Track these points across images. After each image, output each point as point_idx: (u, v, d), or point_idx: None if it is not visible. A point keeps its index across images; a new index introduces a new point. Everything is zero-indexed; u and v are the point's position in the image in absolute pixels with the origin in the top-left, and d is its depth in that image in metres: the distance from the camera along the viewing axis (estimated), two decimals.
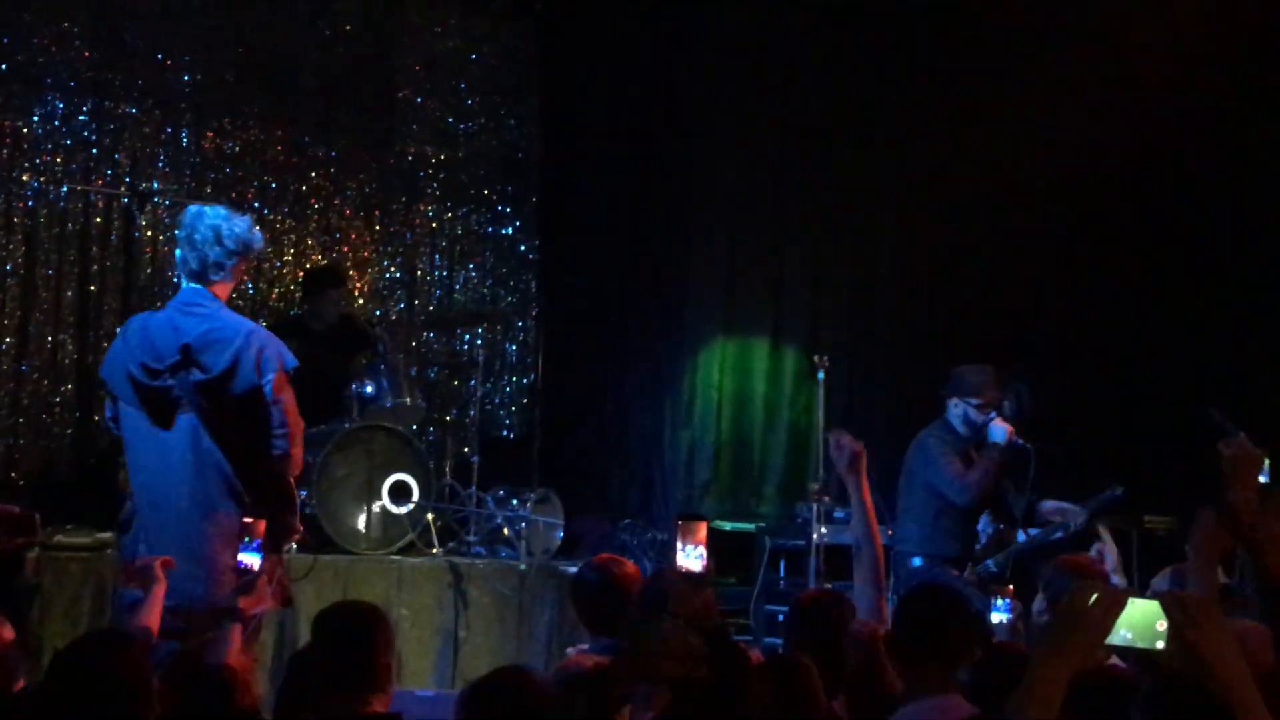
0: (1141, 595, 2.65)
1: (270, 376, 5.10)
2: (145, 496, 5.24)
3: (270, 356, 5.12)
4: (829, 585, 6.88)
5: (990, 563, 7.18)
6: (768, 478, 9.61)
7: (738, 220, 9.71)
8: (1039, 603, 4.74)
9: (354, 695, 3.60)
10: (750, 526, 9.03)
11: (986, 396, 7.16)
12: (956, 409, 7.22)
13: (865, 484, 4.91)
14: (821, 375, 7.64)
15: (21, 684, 4.15)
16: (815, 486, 7.66)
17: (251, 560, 4.52)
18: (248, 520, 4.63)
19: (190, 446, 5.10)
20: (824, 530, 7.43)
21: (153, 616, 4.34)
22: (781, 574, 8.71)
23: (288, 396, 5.15)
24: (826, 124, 9.68)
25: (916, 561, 7.12)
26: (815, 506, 7.65)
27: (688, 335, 9.63)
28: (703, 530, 4.40)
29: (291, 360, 5.21)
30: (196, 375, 5.08)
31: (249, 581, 4.51)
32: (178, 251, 5.28)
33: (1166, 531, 7.98)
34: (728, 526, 8.98)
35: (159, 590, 4.41)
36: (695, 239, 9.72)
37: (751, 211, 9.71)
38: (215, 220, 5.20)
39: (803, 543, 8.14)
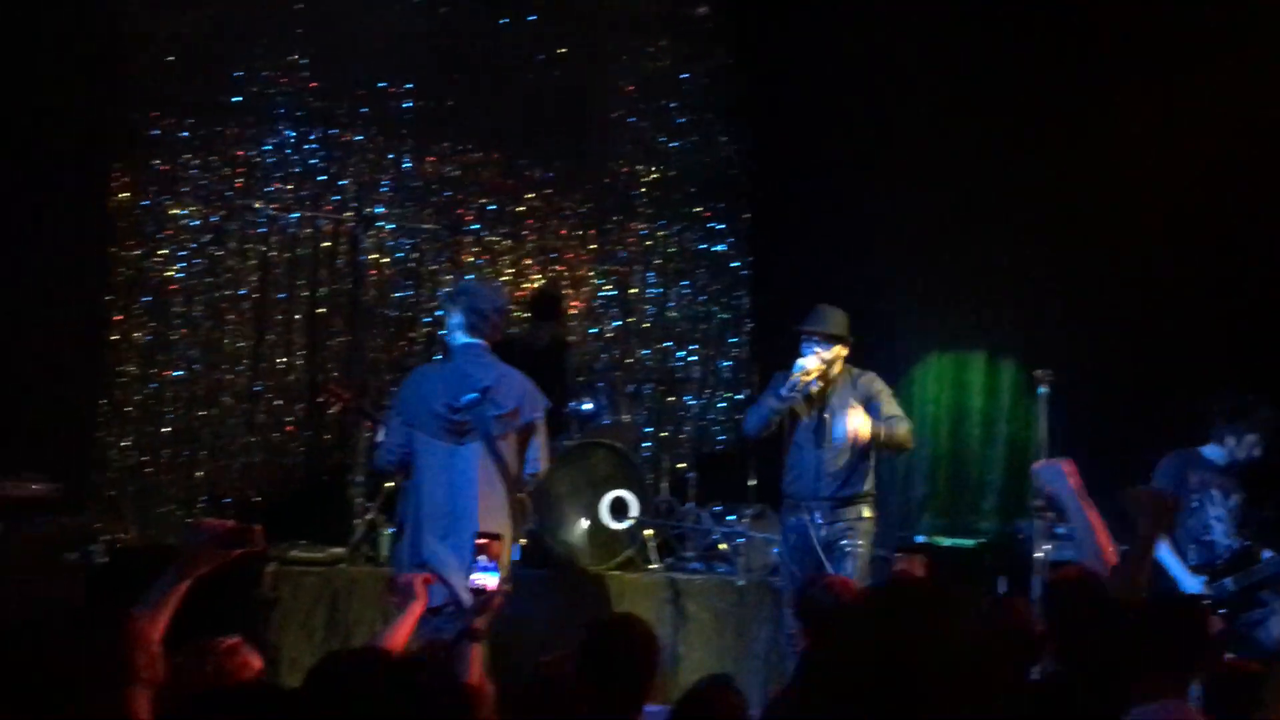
0: None
1: (539, 414, 6.36)
2: (432, 510, 6.18)
3: (540, 399, 6.40)
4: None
5: (1228, 581, 6.96)
6: (986, 493, 9.43)
7: (952, 232, 9.56)
8: None
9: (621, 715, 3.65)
10: (969, 543, 8.88)
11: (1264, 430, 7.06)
12: (1232, 440, 7.09)
13: (1086, 503, 4.79)
14: (1043, 390, 7.48)
15: None
16: (1038, 502, 7.51)
17: (487, 580, 4.58)
18: (481, 540, 4.72)
19: (479, 467, 6.20)
20: (1048, 547, 7.28)
21: (400, 634, 4.43)
22: (1001, 591, 8.56)
23: (544, 429, 6.41)
24: (1044, 130, 9.46)
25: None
26: (1037, 523, 7.51)
27: (902, 349, 9.53)
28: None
29: (548, 402, 6.49)
30: (492, 410, 6.23)
31: (484, 602, 4.56)
32: (452, 316, 6.43)
33: None
34: (945, 542, 8.85)
35: (416, 608, 4.50)
36: (908, 252, 9.61)
37: (966, 223, 9.55)
38: (485, 290, 6.58)
39: (1024, 559, 8.00)
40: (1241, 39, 8.60)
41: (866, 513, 7.33)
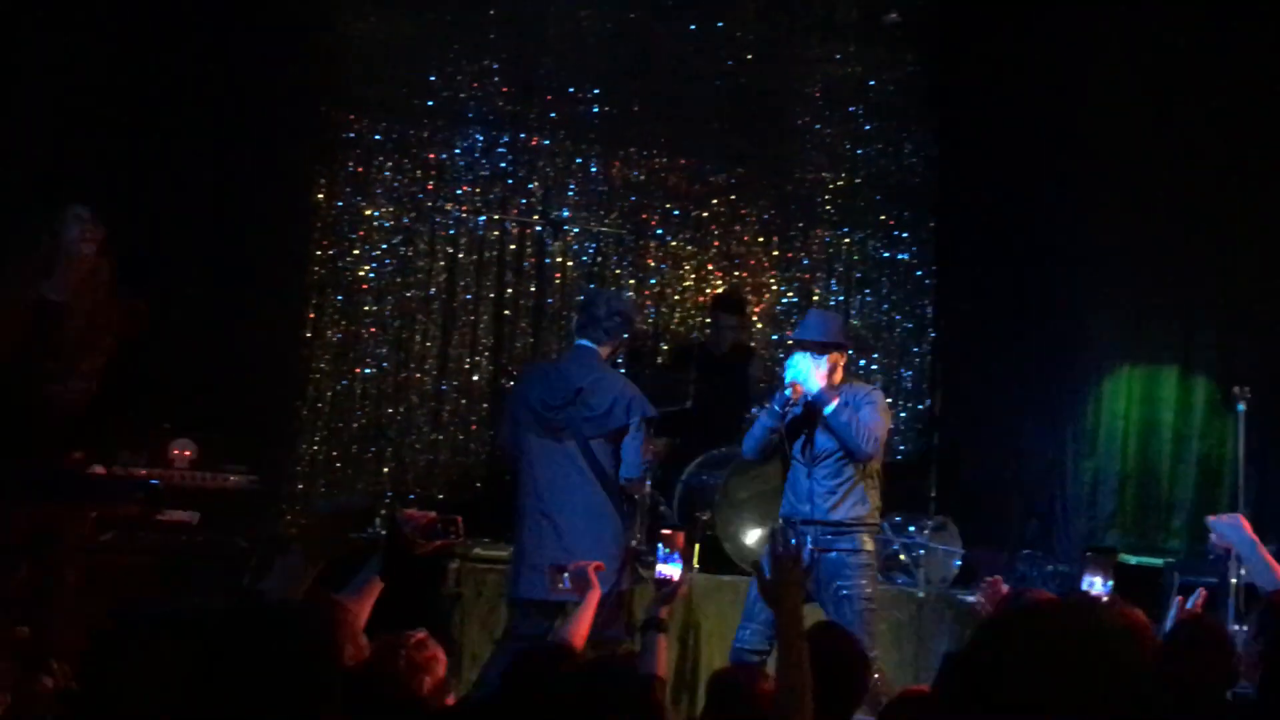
0: None
1: (635, 419, 6.39)
2: (536, 505, 6.41)
3: (636, 405, 6.42)
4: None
5: None
6: (1176, 511, 9.18)
7: (1143, 243, 9.33)
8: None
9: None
10: (1158, 561, 8.66)
11: None
12: None
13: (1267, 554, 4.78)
14: (1242, 407, 7.28)
15: (452, 699, 4.32)
16: (1213, 553, 7.30)
17: (672, 571, 4.61)
18: (666, 532, 4.79)
19: (575, 467, 6.37)
20: (1244, 571, 7.07)
21: (584, 625, 4.47)
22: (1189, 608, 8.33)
23: (643, 437, 6.47)
24: (1246, 140, 9.18)
25: None
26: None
27: (1091, 363, 9.34)
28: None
29: (652, 411, 6.50)
30: (584, 412, 6.37)
31: (669, 593, 4.60)
32: (576, 317, 6.62)
33: None
34: (1133, 560, 8.65)
35: (593, 597, 4.55)
36: (1097, 263, 9.40)
37: (1158, 234, 9.31)
38: (609, 298, 6.70)
39: (1215, 580, 7.77)
40: None
41: (867, 544, 6.63)
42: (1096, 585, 5.01)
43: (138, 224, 7.41)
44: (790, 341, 6.86)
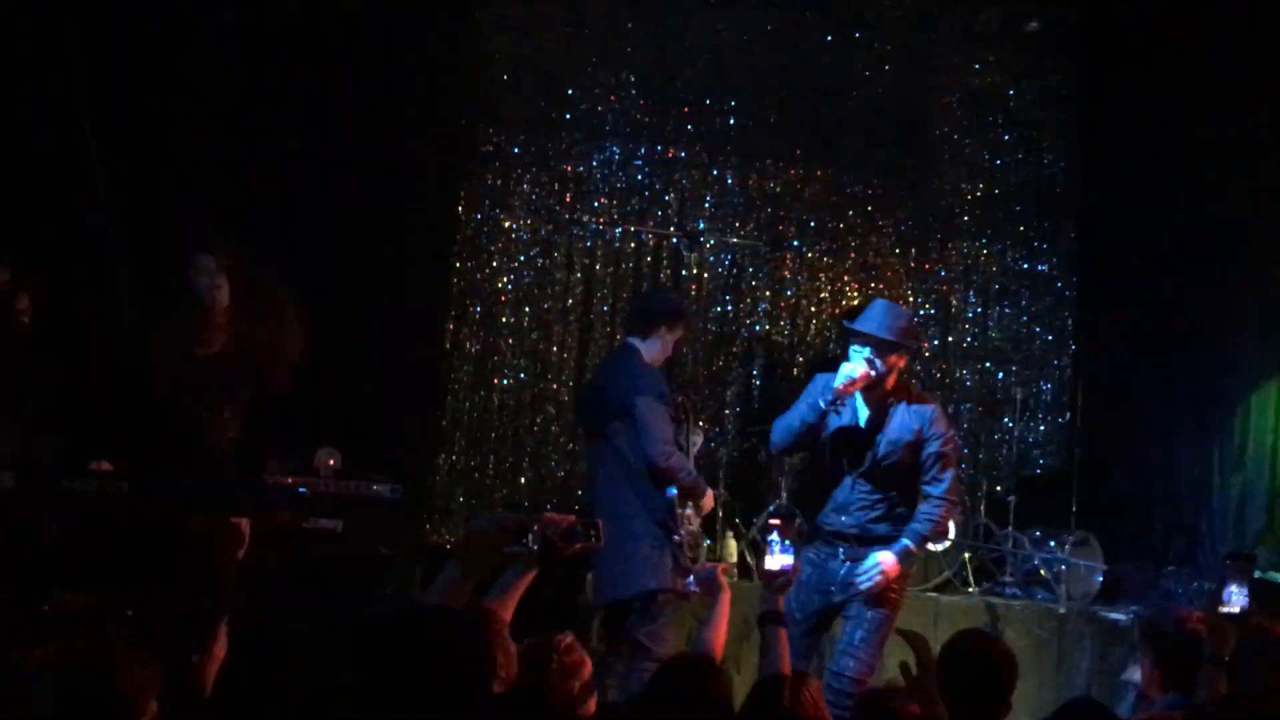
0: None
1: (630, 401, 6.09)
2: (589, 503, 6.57)
3: (635, 387, 6.13)
4: None
5: None
6: None
7: None
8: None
9: None
10: None
11: None
12: None
13: None
14: None
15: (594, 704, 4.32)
16: None
17: (784, 561, 4.54)
18: (775, 522, 4.67)
19: (601, 463, 6.34)
20: None
21: (721, 629, 4.47)
22: None
23: (657, 415, 6.11)
24: None
25: None
26: None
27: (1238, 376, 9.14)
28: None
29: (660, 390, 6.20)
30: (586, 407, 6.66)
31: (782, 584, 4.54)
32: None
33: None
34: None
35: (725, 599, 4.55)
36: (1243, 276, 9.21)
37: None
38: (648, 295, 7.15)
39: None
40: None
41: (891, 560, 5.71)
42: (1235, 595, 4.84)
43: (283, 237, 7.58)
44: (847, 329, 5.88)
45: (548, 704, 2.75)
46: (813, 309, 9.81)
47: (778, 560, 4.52)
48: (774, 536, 4.56)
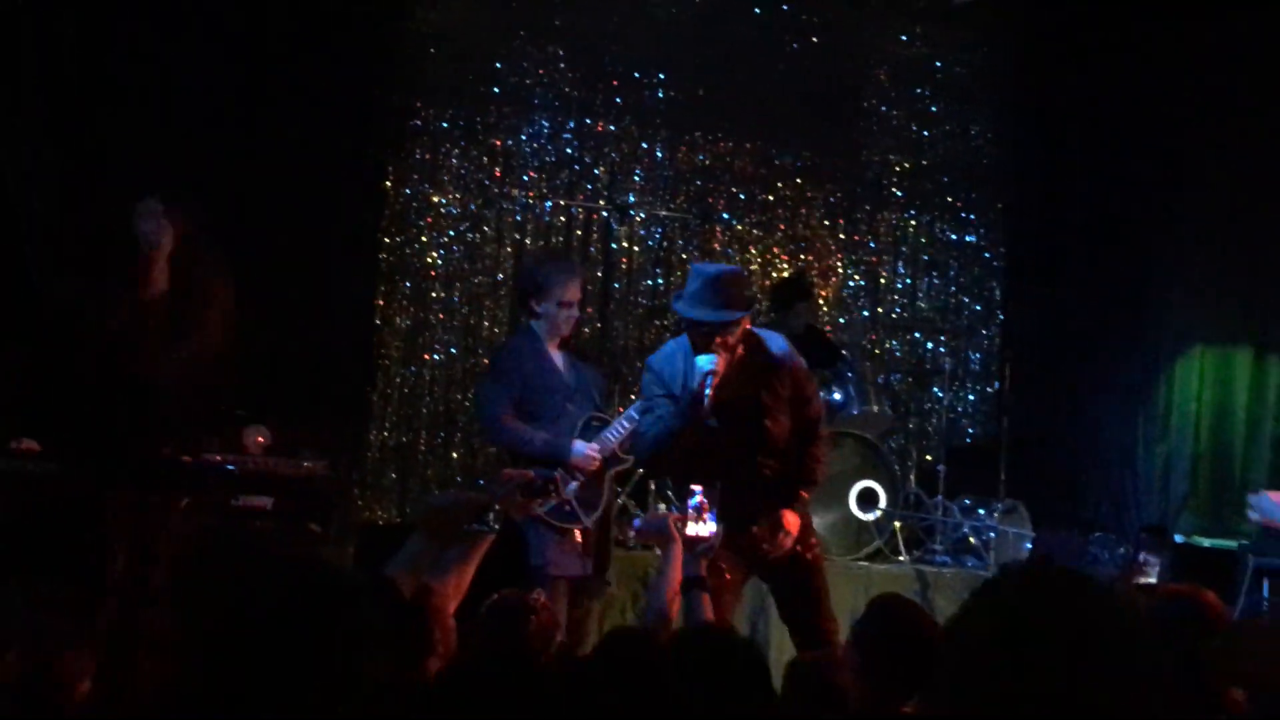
0: None
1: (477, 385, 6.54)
2: None
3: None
4: None
5: None
6: (1249, 493, 9.09)
7: (1215, 223, 9.23)
8: None
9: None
10: (1231, 544, 8.58)
11: None
12: None
13: None
14: None
15: None
16: (1252, 526, 7.24)
17: (709, 528, 4.62)
18: (697, 489, 4.73)
19: None
20: None
21: (675, 577, 4.48)
22: (1265, 594, 8.26)
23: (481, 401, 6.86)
24: None
25: None
26: None
27: (1163, 345, 9.26)
28: None
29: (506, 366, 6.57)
30: None
31: (704, 549, 4.63)
32: None
33: None
34: (1206, 543, 8.58)
35: (677, 549, 4.56)
36: (1168, 245, 9.32)
37: (1230, 214, 9.21)
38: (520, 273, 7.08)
39: None
40: None
41: None
42: (1150, 567, 4.85)
43: (209, 212, 7.48)
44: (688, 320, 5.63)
45: (537, 669, 2.73)
46: None
47: (703, 528, 4.63)
48: (696, 502, 4.66)
